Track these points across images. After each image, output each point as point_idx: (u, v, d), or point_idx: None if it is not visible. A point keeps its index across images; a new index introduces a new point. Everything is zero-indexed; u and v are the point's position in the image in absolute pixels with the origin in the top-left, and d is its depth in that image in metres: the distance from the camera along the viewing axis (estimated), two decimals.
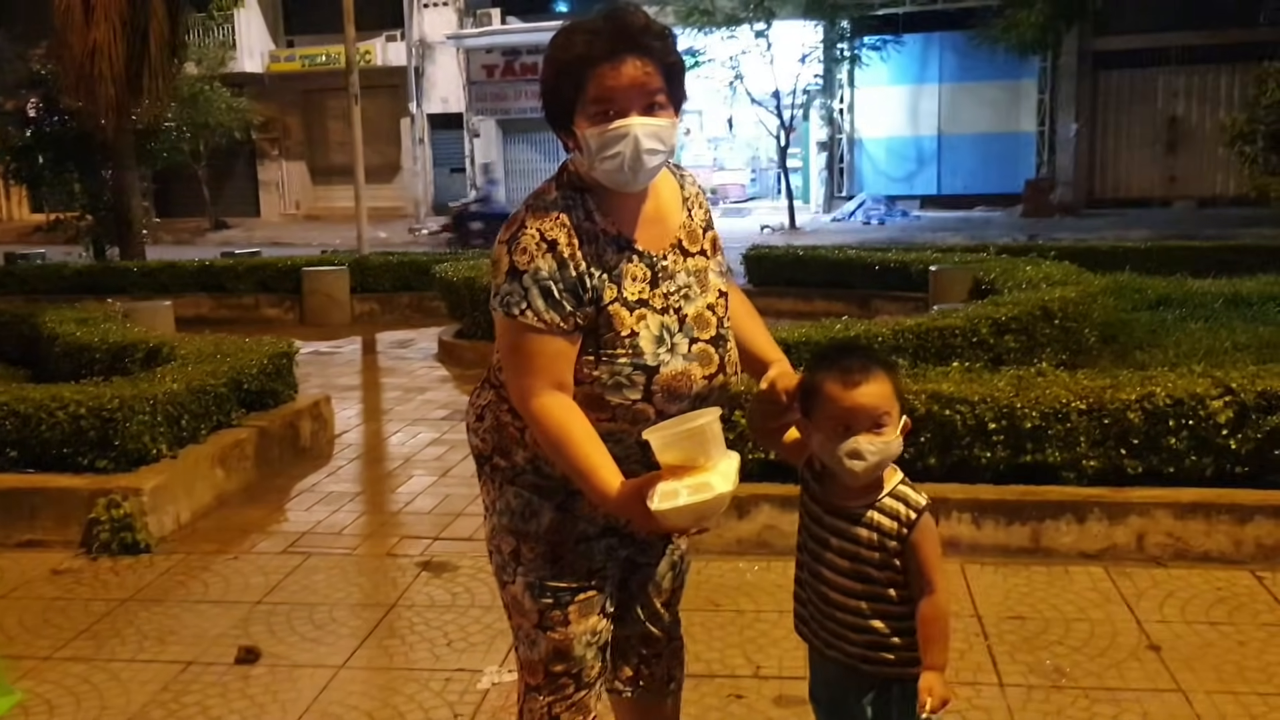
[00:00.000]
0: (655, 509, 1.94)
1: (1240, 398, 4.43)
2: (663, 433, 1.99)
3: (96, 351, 6.67)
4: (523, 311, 2.06)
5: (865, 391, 2.11)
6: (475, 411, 2.33)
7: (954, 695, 2.19)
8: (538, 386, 2.08)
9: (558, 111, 2.12)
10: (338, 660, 3.77)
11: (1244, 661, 3.55)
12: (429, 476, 6.01)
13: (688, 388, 2.15)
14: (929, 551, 2.17)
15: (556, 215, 2.10)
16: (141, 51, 13.07)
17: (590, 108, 2.05)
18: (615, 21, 2.06)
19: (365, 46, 27.15)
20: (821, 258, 11.46)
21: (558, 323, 2.07)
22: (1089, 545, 4.43)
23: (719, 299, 2.26)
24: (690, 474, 1.96)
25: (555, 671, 2.31)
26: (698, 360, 2.17)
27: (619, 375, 2.10)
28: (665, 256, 2.20)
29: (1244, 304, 8.02)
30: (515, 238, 2.09)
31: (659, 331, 2.13)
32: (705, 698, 3.42)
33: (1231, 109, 20.81)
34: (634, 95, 2.05)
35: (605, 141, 2.05)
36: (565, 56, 2.08)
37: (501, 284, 2.09)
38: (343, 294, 12.25)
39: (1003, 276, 8.24)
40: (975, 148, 25.98)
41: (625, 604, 2.43)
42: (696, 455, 1.97)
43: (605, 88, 2.04)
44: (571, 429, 2.06)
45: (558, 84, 2.10)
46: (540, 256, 2.06)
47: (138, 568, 4.68)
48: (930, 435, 4.56)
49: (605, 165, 2.07)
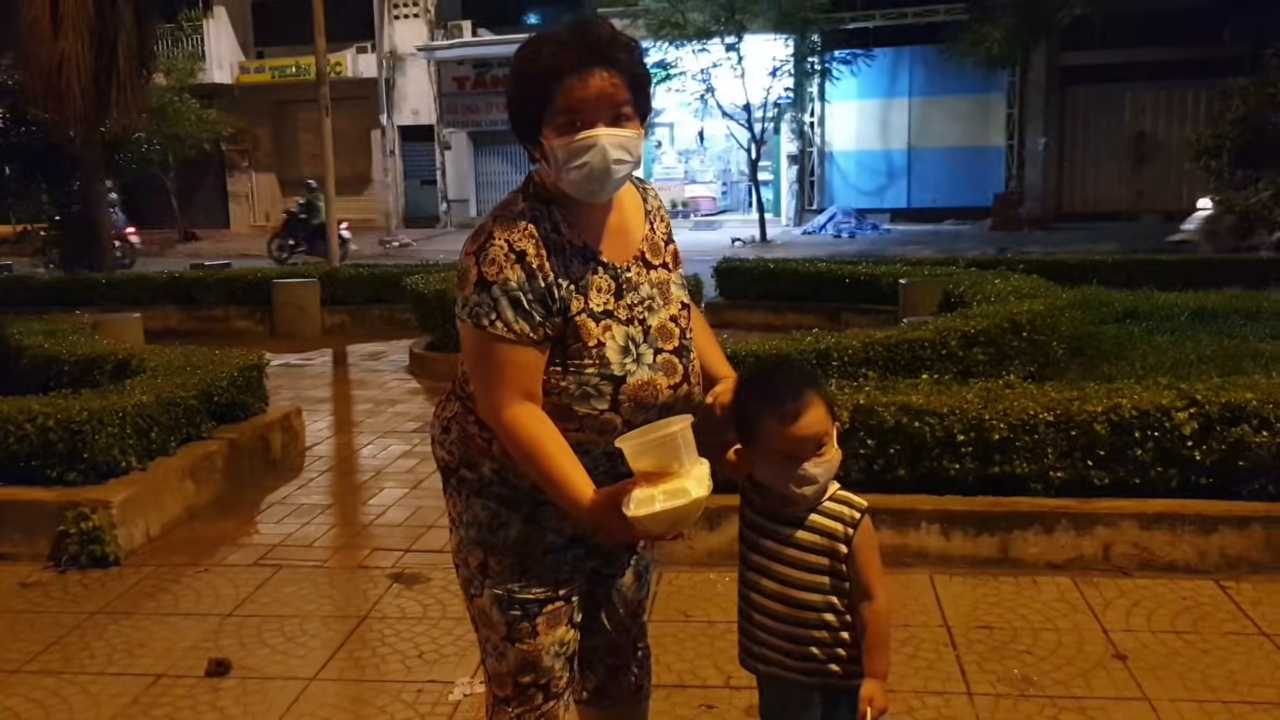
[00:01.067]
0: (632, 515, 1.95)
1: (1205, 409, 4.49)
2: (635, 440, 2.00)
3: (65, 364, 6.61)
4: (492, 322, 2.06)
5: (805, 423, 2.14)
6: (441, 424, 2.33)
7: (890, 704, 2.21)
8: (508, 398, 2.08)
9: (524, 123, 2.13)
10: (309, 672, 3.76)
11: (1209, 670, 3.60)
12: (400, 489, 5.99)
13: (653, 397, 2.17)
14: (869, 557, 2.22)
15: (524, 226, 2.10)
16: (110, 62, 13.01)
17: (558, 119, 2.06)
18: (582, 34, 2.08)
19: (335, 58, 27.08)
20: (792, 271, 11.51)
21: (527, 333, 2.07)
22: (1056, 555, 4.48)
23: (681, 310, 2.28)
24: (664, 480, 1.97)
25: (524, 683, 2.30)
26: (663, 370, 2.19)
27: (586, 385, 2.12)
28: (629, 268, 2.21)
29: (1209, 317, 8.13)
30: (483, 249, 2.09)
31: (624, 342, 2.15)
32: (677, 708, 3.43)
33: (1198, 124, 21.12)
34: (601, 107, 2.06)
35: (573, 152, 2.06)
36: (532, 68, 2.08)
37: (470, 295, 2.09)
38: (313, 306, 12.19)
39: (972, 289, 8.31)
40: (945, 162, 26.20)
41: (592, 614, 2.43)
42: (670, 462, 1.98)
43: (573, 99, 2.05)
44: (543, 440, 2.07)
45: (525, 95, 2.10)
46: (509, 267, 2.07)
47: (107, 580, 4.65)
48: (900, 447, 4.60)
49: (572, 176, 2.08)
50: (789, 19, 22.98)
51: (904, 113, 26.51)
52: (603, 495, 2.03)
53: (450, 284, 9.37)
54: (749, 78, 23.14)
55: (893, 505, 4.56)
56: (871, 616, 2.21)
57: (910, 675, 3.62)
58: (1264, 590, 4.21)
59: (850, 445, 4.59)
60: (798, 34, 23.73)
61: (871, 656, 2.20)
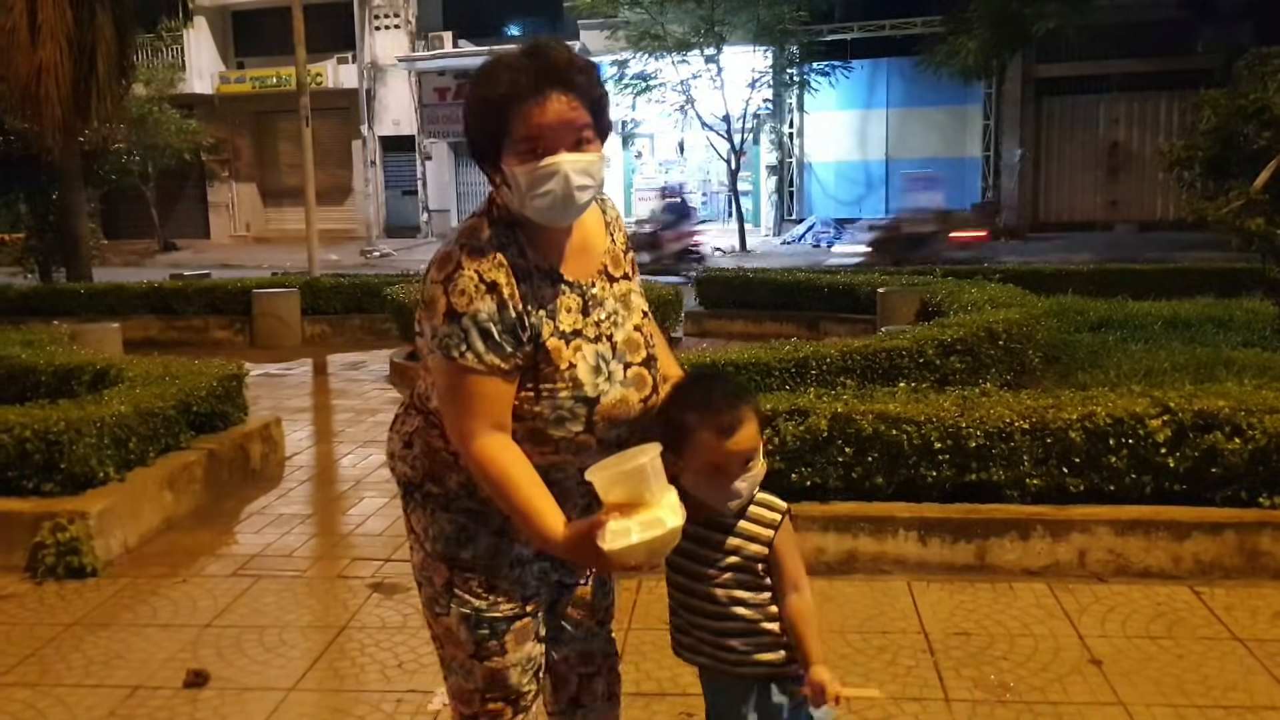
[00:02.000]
0: (609, 549, 1.94)
1: (1178, 417, 4.54)
2: (606, 472, 1.98)
3: (42, 374, 6.58)
4: (462, 354, 2.03)
5: (739, 439, 2.17)
6: (402, 439, 2.29)
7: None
8: (478, 428, 2.06)
9: (484, 148, 2.10)
10: (288, 683, 3.75)
11: (1183, 675, 3.63)
12: (380, 498, 5.98)
13: (626, 413, 2.17)
14: (791, 552, 2.28)
15: (494, 255, 2.07)
16: (89, 72, 12.99)
17: (518, 145, 2.03)
18: (539, 58, 2.03)
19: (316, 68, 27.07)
20: (771, 280, 11.57)
21: (498, 365, 2.04)
22: (1032, 562, 4.51)
23: (644, 319, 2.28)
24: (636, 511, 1.96)
25: (492, 699, 2.28)
26: (634, 385, 2.19)
27: (561, 409, 2.10)
28: (593, 284, 2.20)
29: (1183, 325, 8.21)
30: (452, 278, 2.05)
31: (595, 361, 2.13)
32: (657, 716, 3.44)
33: (1171, 135, 21.32)
34: (561, 132, 2.02)
35: (535, 180, 2.03)
36: (490, 94, 2.04)
37: (440, 325, 2.05)
38: (293, 316, 12.17)
39: (949, 299, 8.37)
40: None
41: (557, 627, 2.42)
42: (641, 492, 1.96)
43: (532, 125, 2.01)
44: (513, 473, 2.05)
45: (483, 122, 2.07)
46: (479, 298, 2.04)
47: (84, 592, 4.62)
48: (877, 455, 4.63)
49: (536, 203, 2.05)
50: (768, 31, 23.12)
51: (882, 124, 26.67)
52: (575, 531, 2.01)
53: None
54: (728, 89, 23.27)
55: (870, 513, 4.59)
56: (802, 606, 2.27)
57: (888, 682, 3.64)
58: (1237, 596, 4.26)
59: (828, 453, 4.63)
60: (776, 46, 23.87)
61: (810, 643, 2.26)
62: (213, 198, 31.75)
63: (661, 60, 23.48)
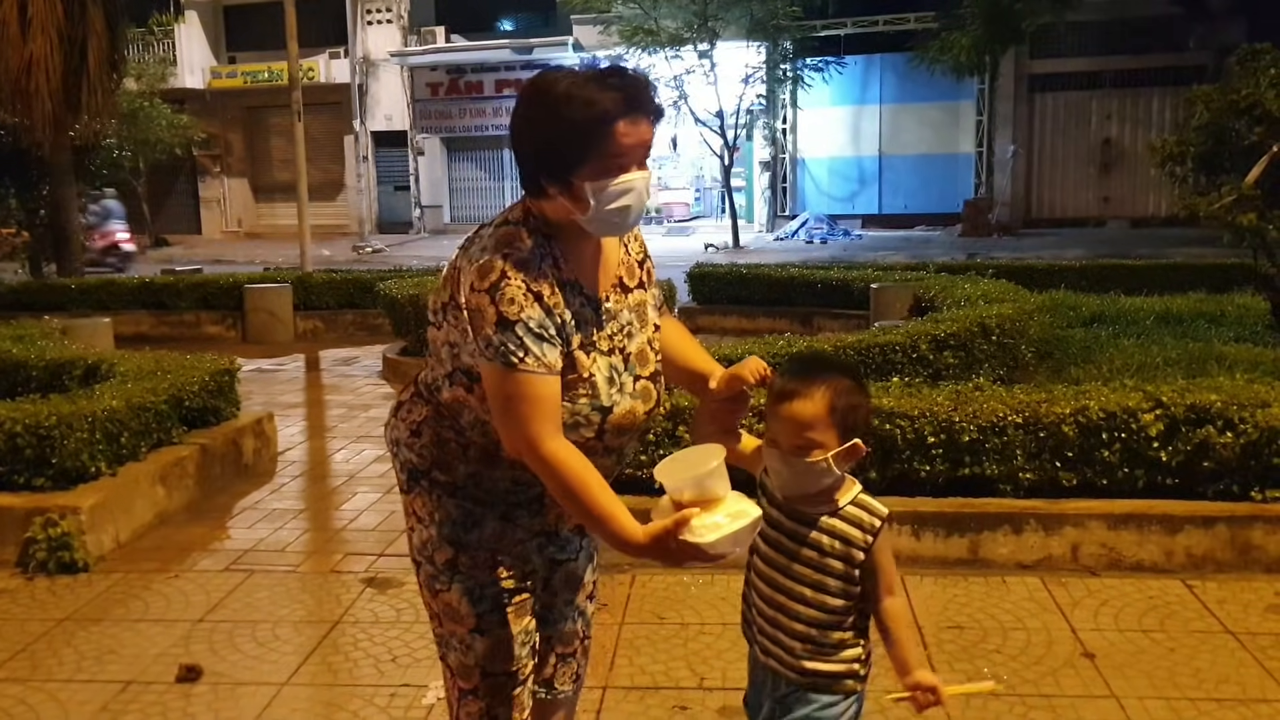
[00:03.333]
0: (704, 542, 2.01)
1: (1171, 411, 4.55)
2: (677, 476, 2.06)
3: (33, 369, 6.55)
4: (521, 359, 2.06)
5: (792, 408, 2.14)
6: (408, 427, 2.33)
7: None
8: (546, 431, 2.08)
9: (557, 163, 2.11)
10: (281, 678, 3.74)
11: (1175, 667, 3.65)
12: (373, 493, 5.98)
13: (632, 424, 2.24)
14: (887, 559, 2.22)
15: (538, 266, 2.12)
16: (80, 66, 12.92)
17: (605, 162, 2.09)
18: (626, 80, 2.12)
19: (308, 63, 27.00)
20: (765, 276, 11.56)
21: (554, 365, 2.10)
22: (1025, 556, 4.52)
23: (655, 333, 2.34)
24: (714, 506, 2.05)
25: (493, 673, 2.33)
26: (641, 398, 2.25)
27: (578, 415, 2.16)
28: (608, 298, 2.25)
29: (1175, 321, 8.24)
30: (498, 287, 2.07)
31: (609, 373, 2.20)
32: (651, 710, 3.45)
33: (1163, 131, 21.35)
34: (641, 150, 2.13)
35: (613, 195, 2.11)
36: (581, 114, 2.07)
37: (492, 335, 2.06)
38: (285, 311, 12.14)
39: (942, 294, 8.38)
40: (915, 168, 26.38)
41: (548, 604, 2.47)
42: (714, 490, 2.06)
43: (621, 145, 2.09)
44: (588, 478, 2.09)
45: (567, 137, 2.09)
46: (529, 306, 2.08)
47: (76, 587, 4.61)
48: (871, 449, 4.61)
49: (610, 217, 2.13)
50: (761, 26, 23.09)
51: (875, 120, 26.67)
52: (659, 528, 2.04)
53: (424, 289, 9.36)
54: (722, 85, 23.22)
55: None
56: (899, 609, 2.23)
57: (881, 675, 3.62)
58: (1229, 589, 4.27)
59: None
60: (770, 41, 23.83)
61: (909, 647, 2.22)
62: (204, 193, 31.64)
63: (655, 56, 23.43)
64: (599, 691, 3.56)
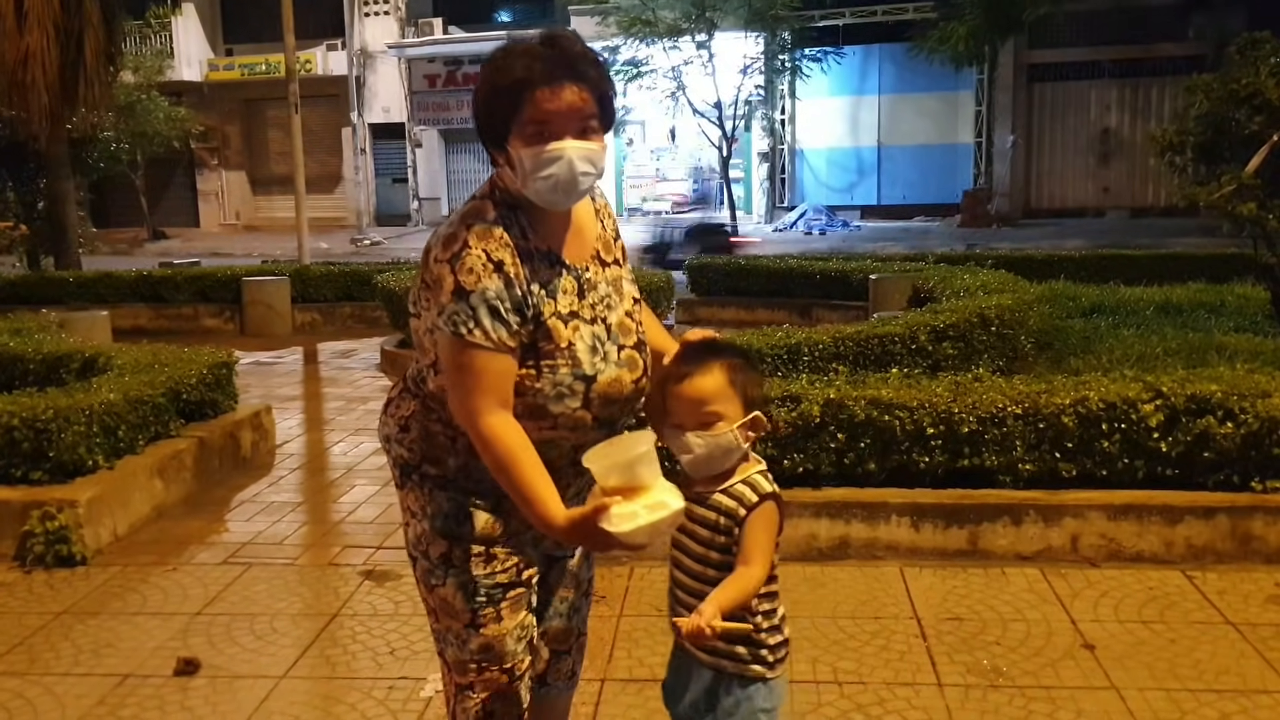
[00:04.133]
0: (618, 531, 2.00)
1: (1171, 401, 4.54)
2: (604, 461, 2.04)
3: (30, 362, 6.53)
4: (470, 331, 2.08)
5: (691, 385, 2.19)
6: (397, 422, 2.34)
7: (703, 628, 2.10)
8: (486, 405, 2.10)
9: (491, 129, 2.16)
10: (279, 670, 3.74)
11: (1175, 659, 3.64)
12: (371, 486, 5.97)
13: (620, 393, 2.23)
14: (756, 533, 2.18)
15: (500, 235, 2.13)
16: (76, 59, 12.87)
17: (526, 129, 2.10)
18: (555, 47, 2.11)
19: (305, 55, 26.91)
20: (763, 267, 11.55)
21: (504, 341, 2.10)
22: (1025, 547, 4.51)
23: (635, 305, 2.34)
24: (638, 494, 2.03)
25: (488, 668, 2.33)
26: (627, 366, 2.26)
27: (561, 386, 2.16)
28: (587, 268, 2.26)
29: (1175, 311, 8.22)
30: (459, 257, 2.10)
31: (591, 341, 2.20)
32: (649, 701, 3.43)
33: (1162, 121, 21.34)
34: (569, 119, 2.10)
35: (540, 163, 2.10)
36: (504, 79, 2.11)
37: (448, 303, 2.10)
38: (283, 304, 12.12)
39: (941, 285, 8.36)
40: (914, 159, 26.35)
41: (544, 600, 2.47)
42: (641, 477, 2.04)
43: (542, 110, 2.08)
44: (521, 456, 2.09)
45: (494, 104, 2.13)
46: (487, 276, 2.09)
47: (73, 580, 4.60)
48: (870, 441, 4.62)
49: (539, 185, 2.12)
50: (759, 17, 23.04)
51: (874, 110, 26.63)
52: (579, 516, 2.05)
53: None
54: (720, 75, 23.20)
55: (863, 499, 4.58)
56: (744, 576, 2.17)
57: (880, 667, 3.64)
58: (1229, 580, 4.26)
59: (821, 439, 4.62)
60: (768, 31, 23.79)
61: (718, 597, 2.14)
62: (202, 186, 31.60)
63: (652, 46, 23.40)
64: (597, 684, 3.56)
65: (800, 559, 4.51)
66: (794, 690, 3.46)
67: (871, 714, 3.33)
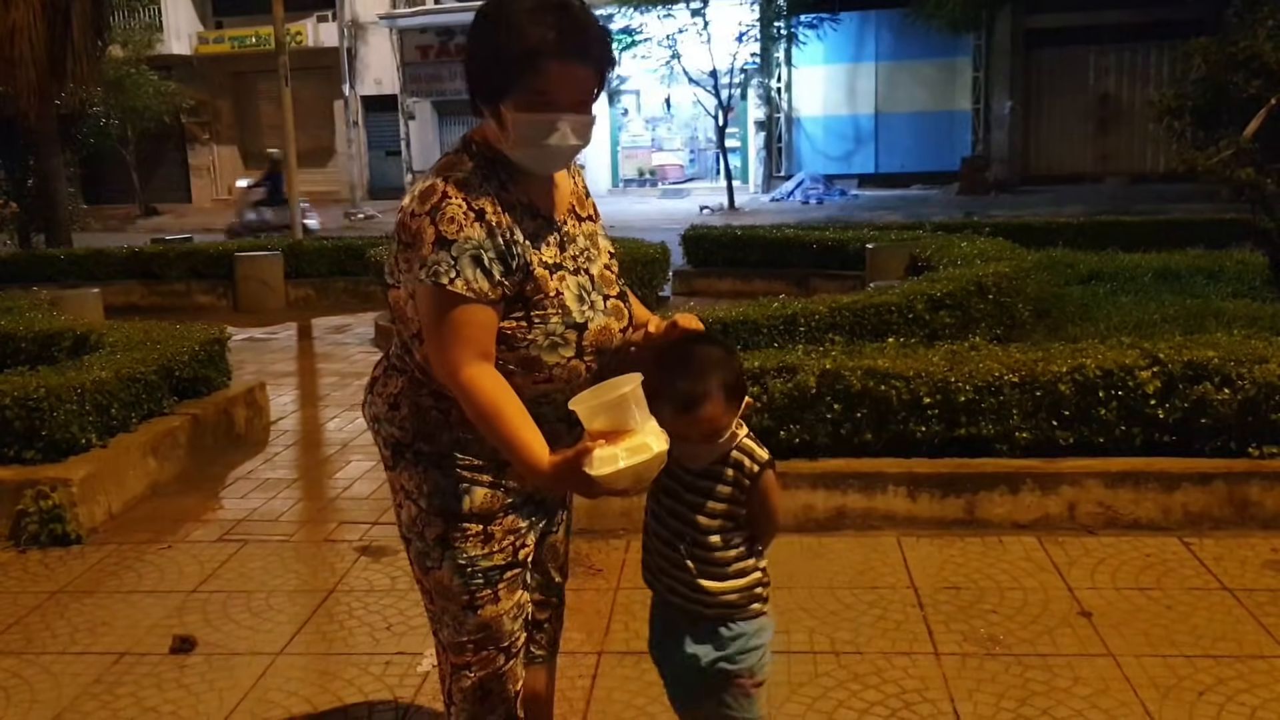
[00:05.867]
0: (597, 474, 1.97)
1: (1168, 368, 4.52)
2: (589, 403, 2.02)
3: (21, 340, 6.51)
4: (451, 280, 2.05)
5: (700, 414, 2.20)
6: (386, 401, 2.30)
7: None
8: (466, 357, 2.07)
9: (487, 88, 2.13)
10: (275, 647, 3.73)
11: (1172, 625, 3.63)
12: (367, 461, 5.95)
13: (609, 341, 2.24)
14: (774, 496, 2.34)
15: (479, 185, 2.12)
16: (64, 33, 12.77)
17: (529, 95, 2.07)
18: (567, 17, 2.06)
19: (295, 27, 26.76)
20: (760, 238, 11.49)
21: (485, 292, 2.07)
22: (1022, 515, 4.50)
23: (611, 259, 2.36)
24: (621, 438, 2.00)
25: (485, 648, 2.32)
26: (613, 315, 2.27)
27: (553, 335, 2.15)
28: (565, 222, 2.27)
29: (1173, 277, 8.19)
30: (439, 208, 2.07)
31: (578, 290, 2.20)
32: (645, 674, 3.41)
33: (1161, 86, 21.18)
34: (571, 93, 2.09)
35: (537, 132, 2.09)
36: (513, 44, 2.05)
37: (429, 255, 2.06)
38: (277, 280, 12.08)
39: (938, 253, 8.32)
40: (912, 126, 26.21)
41: (532, 574, 2.46)
42: (625, 420, 2.01)
43: (549, 82, 2.06)
44: (503, 403, 2.07)
45: (496, 67, 2.09)
46: (469, 225, 2.07)
47: (68, 559, 4.59)
48: (866, 411, 4.60)
49: (528, 151, 2.12)
50: None
51: (871, 78, 26.48)
52: (562, 459, 2.03)
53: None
54: (715, 43, 23.03)
55: (860, 469, 4.57)
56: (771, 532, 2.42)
57: (878, 637, 3.63)
58: (1226, 546, 4.26)
59: (817, 410, 4.60)
60: None
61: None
62: (194, 161, 31.45)
63: (647, 15, 23.23)
64: (594, 656, 3.56)
65: (797, 530, 4.50)
66: (791, 660, 3.46)
67: (869, 684, 3.33)
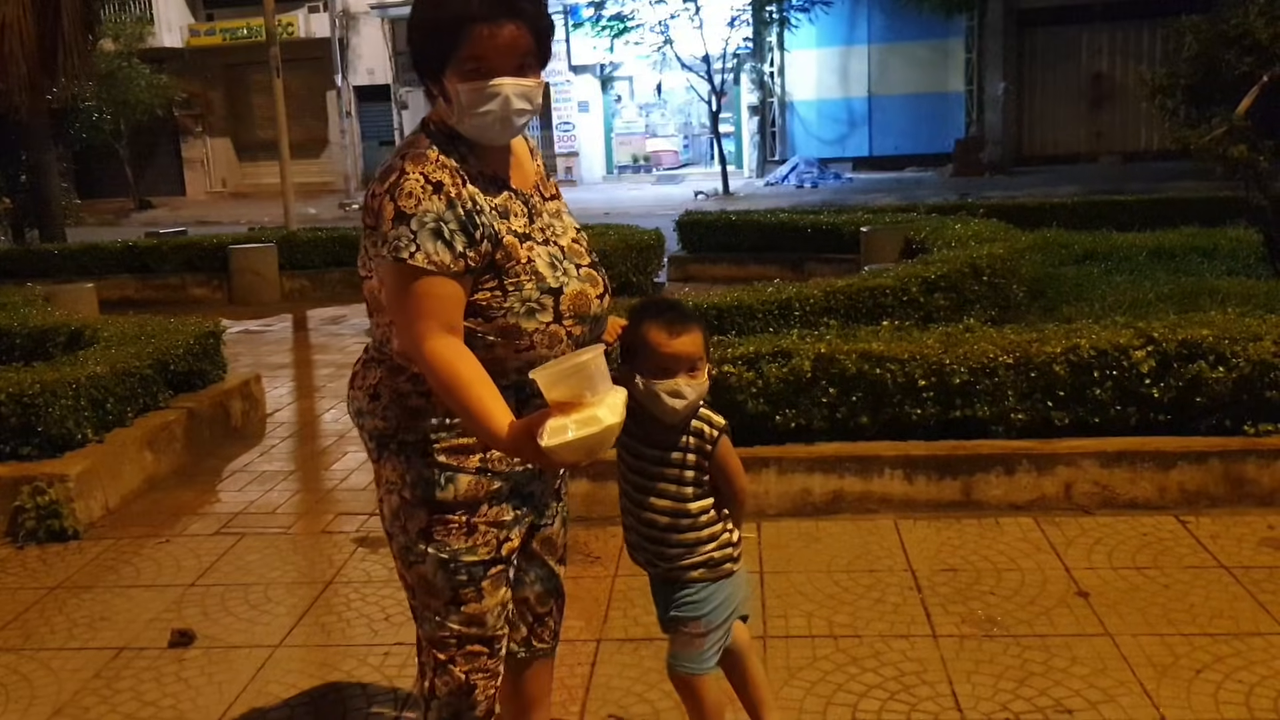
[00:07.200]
0: (545, 445, 1.96)
1: (1162, 347, 4.52)
2: (548, 371, 2.00)
3: (16, 336, 6.49)
4: (411, 255, 2.05)
5: (684, 341, 2.42)
6: (366, 392, 2.30)
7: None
8: (429, 329, 2.07)
9: (427, 63, 2.15)
10: (274, 639, 3.73)
11: (1169, 604, 3.64)
12: (363, 453, 5.83)
13: (586, 308, 2.24)
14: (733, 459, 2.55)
15: (436, 157, 2.12)
16: (54, 27, 12.68)
17: (465, 64, 2.08)
18: None
19: (287, 18, 26.64)
20: (754, 222, 11.47)
21: (447, 264, 2.07)
22: (1018, 496, 4.51)
23: (579, 234, 2.37)
24: (577, 409, 1.98)
25: (469, 644, 2.32)
26: (588, 281, 2.27)
27: (530, 301, 2.16)
28: (532, 196, 2.29)
29: (1167, 256, 8.21)
30: (397, 184, 2.08)
31: (549, 259, 2.21)
32: (644, 661, 3.43)
33: (1154, 64, 21.14)
34: (506, 56, 2.09)
35: (477, 99, 2.10)
36: (441, 14, 2.09)
37: (389, 230, 2.07)
38: (271, 271, 12.04)
39: (933, 236, 8.32)
40: (905, 108, 26.16)
41: (523, 567, 2.48)
42: (583, 391, 1.99)
43: (480, 47, 2.07)
44: (462, 370, 2.06)
45: (430, 39, 2.12)
46: (427, 199, 2.07)
47: (66, 555, 4.59)
48: (862, 394, 4.60)
49: (475, 121, 2.13)
50: None
51: (863, 60, 26.40)
52: (518, 426, 2.03)
53: None
54: (707, 28, 22.95)
55: (856, 452, 4.58)
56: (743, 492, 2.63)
57: (876, 619, 3.64)
58: (1222, 524, 4.26)
59: (812, 394, 4.60)
60: None
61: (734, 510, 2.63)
62: (187, 154, 31.34)
63: (639, 1, 23.15)
64: (593, 644, 3.56)
65: (794, 514, 4.51)
66: (790, 645, 3.47)
67: (867, 666, 3.33)
